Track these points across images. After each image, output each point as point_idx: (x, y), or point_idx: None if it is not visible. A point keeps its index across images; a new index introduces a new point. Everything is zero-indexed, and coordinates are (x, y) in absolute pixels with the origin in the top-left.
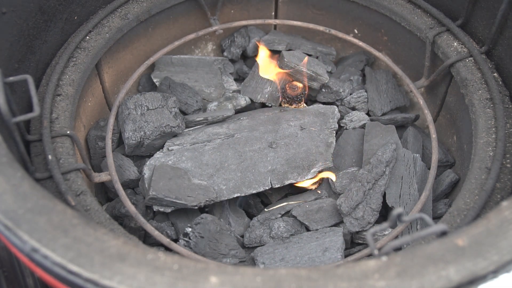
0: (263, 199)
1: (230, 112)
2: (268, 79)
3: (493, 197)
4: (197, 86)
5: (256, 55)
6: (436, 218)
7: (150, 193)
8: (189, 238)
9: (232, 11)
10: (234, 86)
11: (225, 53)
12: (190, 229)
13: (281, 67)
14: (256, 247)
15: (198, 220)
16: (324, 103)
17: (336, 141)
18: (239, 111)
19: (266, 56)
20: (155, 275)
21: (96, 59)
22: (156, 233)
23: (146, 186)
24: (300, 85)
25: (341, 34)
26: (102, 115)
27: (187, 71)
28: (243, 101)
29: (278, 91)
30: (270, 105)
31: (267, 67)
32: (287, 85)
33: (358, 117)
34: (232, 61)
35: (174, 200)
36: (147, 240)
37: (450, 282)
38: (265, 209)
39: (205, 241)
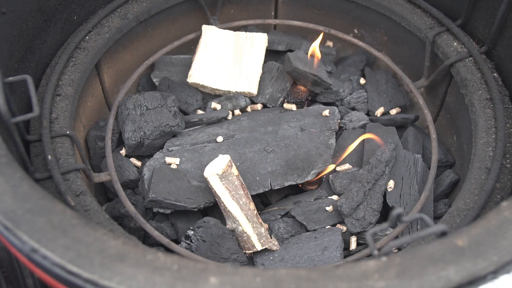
0: (263, 199)
1: (225, 113)
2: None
3: (493, 197)
4: None
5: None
6: (436, 218)
7: (150, 195)
8: (191, 241)
9: (232, 11)
10: None
11: None
12: (192, 232)
13: (287, 71)
14: None
15: (200, 224)
16: (324, 104)
17: (336, 141)
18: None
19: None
20: (154, 275)
21: (95, 59)
22: (155, 234)
23: (146, 187)
24: (304, 88)
25: (341, 34)
26: (101, 115)
27: (187, 71)
28: (243, 101)
29: (287, 90)
30: (270, 106)
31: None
32: (291, 89)
33: (357, 117)
34: None
35: (173, 203)
36: (147, 240)
37: (450, 283)
38: (265, 210)
39: (207, 244)
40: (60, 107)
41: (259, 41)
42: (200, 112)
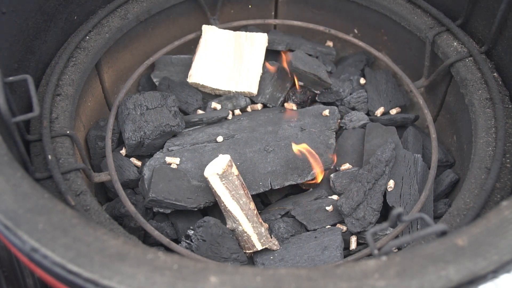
0: (263, 199)
1: (225, 112)
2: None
3: (493, 197)
4: None
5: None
6: (436, 217)
7: (150, 195)
8: (191, 241)
9: (232, 11)
10: None
11: None
12: (192, 232)
13: (290, 70)
14: None
15: (201, 223)
16: (324, 103)
17: (336, 141)
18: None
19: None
20: (154, 275)
21: (96, 59)
22: (156, 233)
23: (146, 187)
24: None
25: (341, 34)
26: (102, 115)
27: (187, 71)
28: (243, 101)
29: (286, 90)
30: (270, 105)
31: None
32: (295, 89)
33: (357, 117)
34: None
35: (174, 202)
36: (147, 240)
37: (450, 282)
38: (265, 209)
39: (207, 244)
40: (60, 107)
41: (259, 41)
42: (200, 112)
